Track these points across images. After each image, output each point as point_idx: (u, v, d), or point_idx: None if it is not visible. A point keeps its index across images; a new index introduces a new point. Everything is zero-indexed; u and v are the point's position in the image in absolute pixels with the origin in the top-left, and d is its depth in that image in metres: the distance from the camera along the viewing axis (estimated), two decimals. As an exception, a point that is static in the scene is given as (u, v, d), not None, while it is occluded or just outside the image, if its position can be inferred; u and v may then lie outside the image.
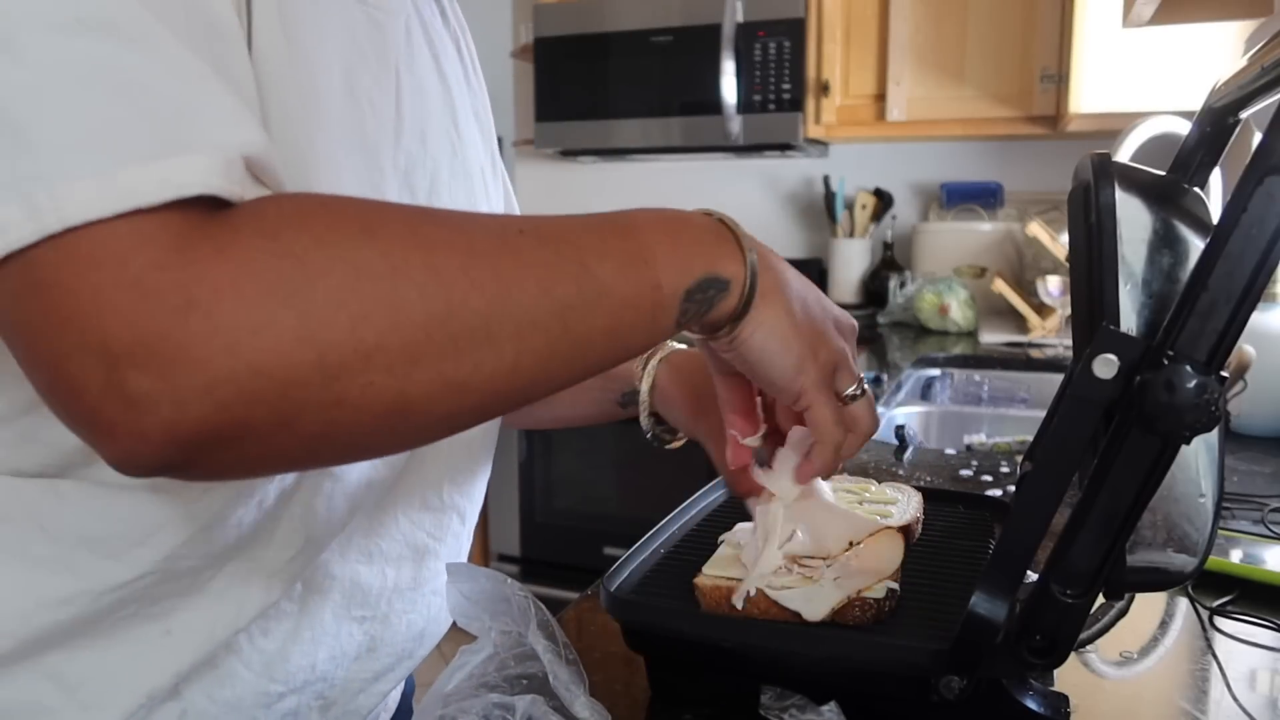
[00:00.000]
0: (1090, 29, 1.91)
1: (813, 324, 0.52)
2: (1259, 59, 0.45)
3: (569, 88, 2.59)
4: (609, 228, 0.46)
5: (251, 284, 0.34)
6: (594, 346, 0.44)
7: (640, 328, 0.45)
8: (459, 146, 0.66)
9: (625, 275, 0.44)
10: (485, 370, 0.40)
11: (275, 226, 0.36)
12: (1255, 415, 1.14)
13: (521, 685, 0.51)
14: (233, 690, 0.54)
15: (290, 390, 0.35)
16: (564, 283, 0.42)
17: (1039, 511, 0.44)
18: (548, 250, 0.42)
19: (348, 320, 0.36)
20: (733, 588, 0.52)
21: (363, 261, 0.37)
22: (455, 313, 0.38)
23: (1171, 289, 0.46)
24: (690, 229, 0.48)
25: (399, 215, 0.40)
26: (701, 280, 0.47)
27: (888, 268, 2.56)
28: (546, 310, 0.41)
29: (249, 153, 0.38)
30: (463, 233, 0.41)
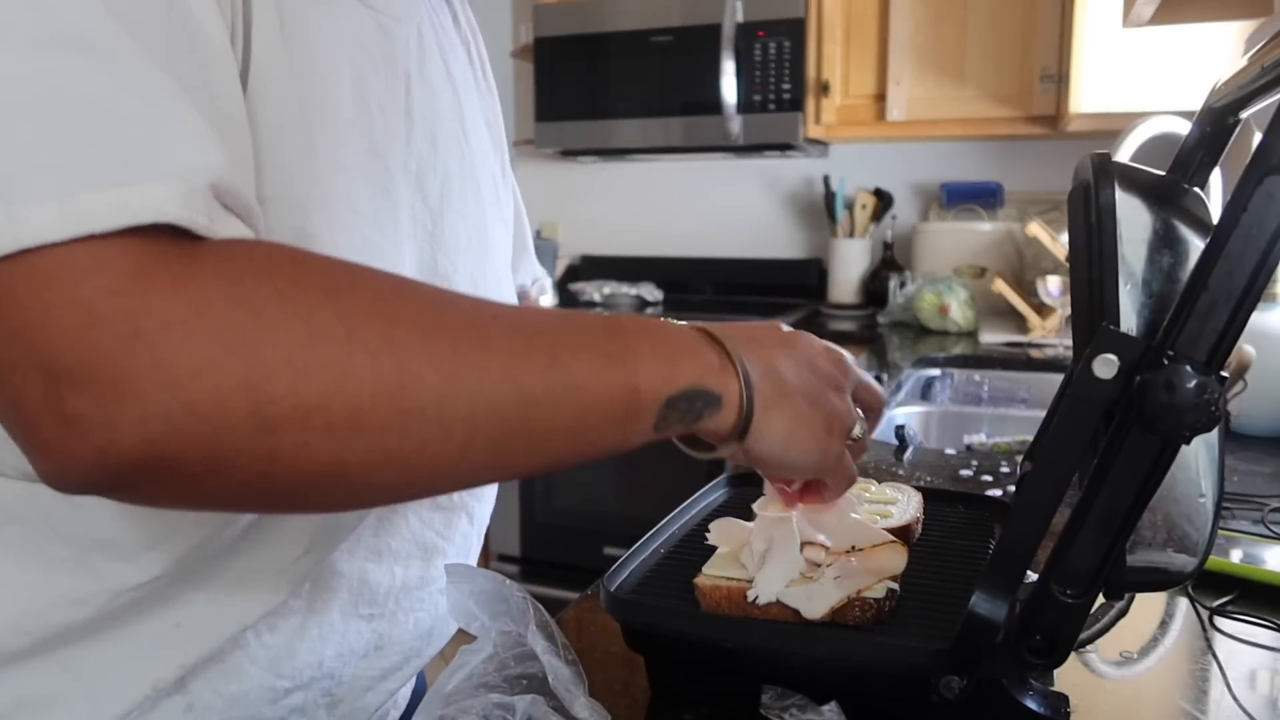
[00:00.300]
0: (1090, 29, 1.91)
1: (820, 406, 0.50)
2: (1259, 59, 0.45)
3: (569, 88, 2.59)
4: (592, 324, 0.45)
5: (202, 324, 0.34)
6: (556, 441, 0.43)
7: (611, 429, 0.44)
8: (467, 152, 0.66)
9: (600, 374, 0.43)
10: (431, 449, 0.39)
11: (240, 272, 0.36)
12: (1255, 415, 1.14)
13: (521, 685, 0.51)
14: (239, 685, 0.55)
15: (223, 436, 0.35)
16: (530, 373, 0.41)
17: (1039, 511, 0.44)
18: (519, 338, 0.41)
19: (291, 377, 0.35)
20: (733, 588, 0.52)
21: (319, 322, 0.36)
22: (406, 388, 0.38)
23: (1171, 289, 0.46)
24: (676, 338, 0.47)
25: (369, 283, 0.40)
26: (687, 390, 0.45)
27: (888, 268, 2.56)
28: (506, 398, 0.40)
29: (215, 178, 0.37)
30: (432, 308, 0.40)
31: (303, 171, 0.49)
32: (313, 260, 0.39)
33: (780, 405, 0.48)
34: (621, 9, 2.50)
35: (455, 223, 0.63)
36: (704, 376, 0.46)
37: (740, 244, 2.85)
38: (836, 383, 0.52)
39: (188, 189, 0.36)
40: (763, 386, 0.47)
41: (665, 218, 2.94)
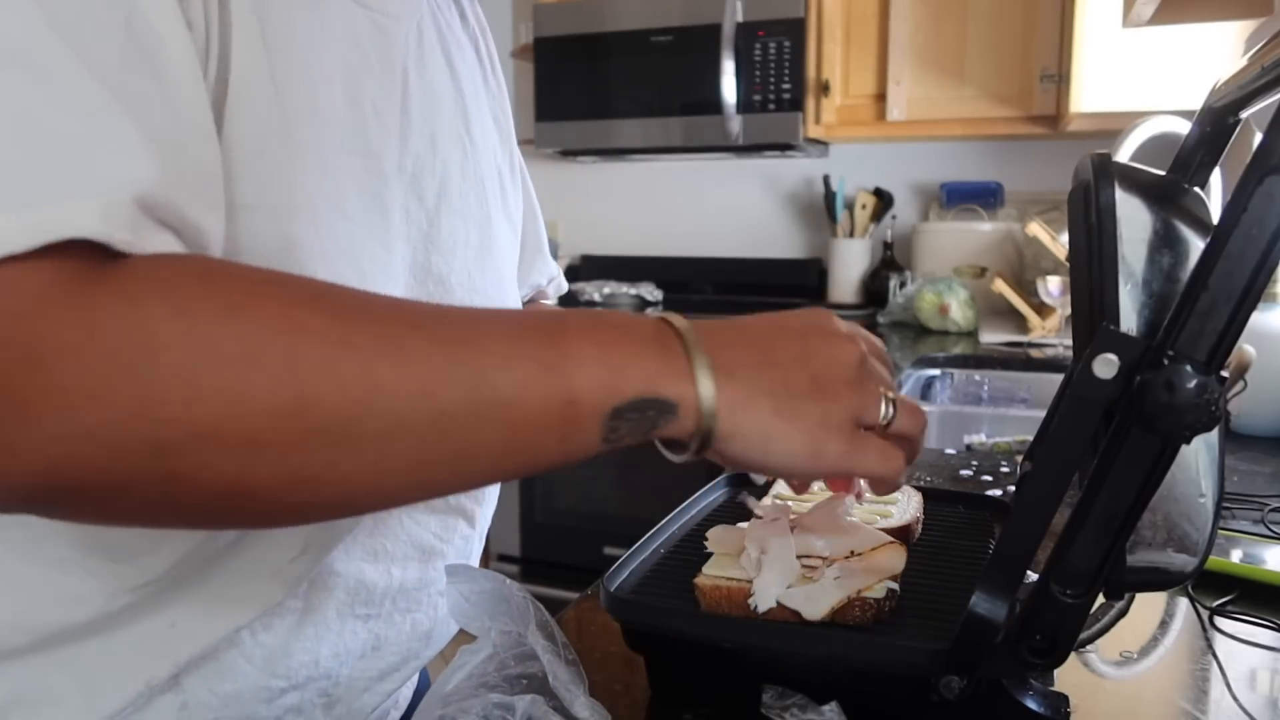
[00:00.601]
0: (1090, 29, 1.91)
1: (810, 395, 0.45)
2: (1259, 59, 0.45)
3: (569, 88, 2.59)
4: (529, 332, 0.41)
5: (95, 349, 0.34)
6: (484, 458, 0.41)
7: (547, 444, 0.41)
8: (470, 150, 0.66)
9: (531, 387, 0.40)
10: (341, 470, 0.38)
11: (141, 290, 0.35)
12: (1255, 415, 1.14)
13: (521, 685, 0.51)
14: (234, 683, 0.54)
15: (120, 460, 0.35)
16: (450, 390, 0.38)
17: (1039, 511, 0.44)
18: (439, 352, 0.39)
19: (183, 400, 0.35)
20: (733, 588, 0.52)
21: (214, 340, 0.35)
22: (308, 408, 0.36)
23: (1171, 289, 0.46)
24: (628, 339, 0.42)
25: (278, 295, 0.38)
26: (635, 400, 0.41)
27: (888, 268, 2.56)
28: (421, 417, 0.38)
29: (141, 192, 0.37)
30: (344, 322, 0.38)
31: (287, 177, 0.49)
32: (222, 273, 0.38)
33: (752, 405, 0.43)
34: (621, 9, 2.50)
35: (453, 223, 0.63)
36: (655, 383, 0.41)
37: (740, 244, 2.85)
38: (845, 373, 0.46)
39: (106, 204, 0.35)
40: (729, 387, 0.43)
41: (665, 218, 2.94)
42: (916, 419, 0.48)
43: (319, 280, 0.40)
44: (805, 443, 0.44)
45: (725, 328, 0.46)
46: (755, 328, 0.47)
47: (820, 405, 0.45)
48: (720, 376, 0.43)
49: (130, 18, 0.40)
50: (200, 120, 0.43)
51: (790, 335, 0.47)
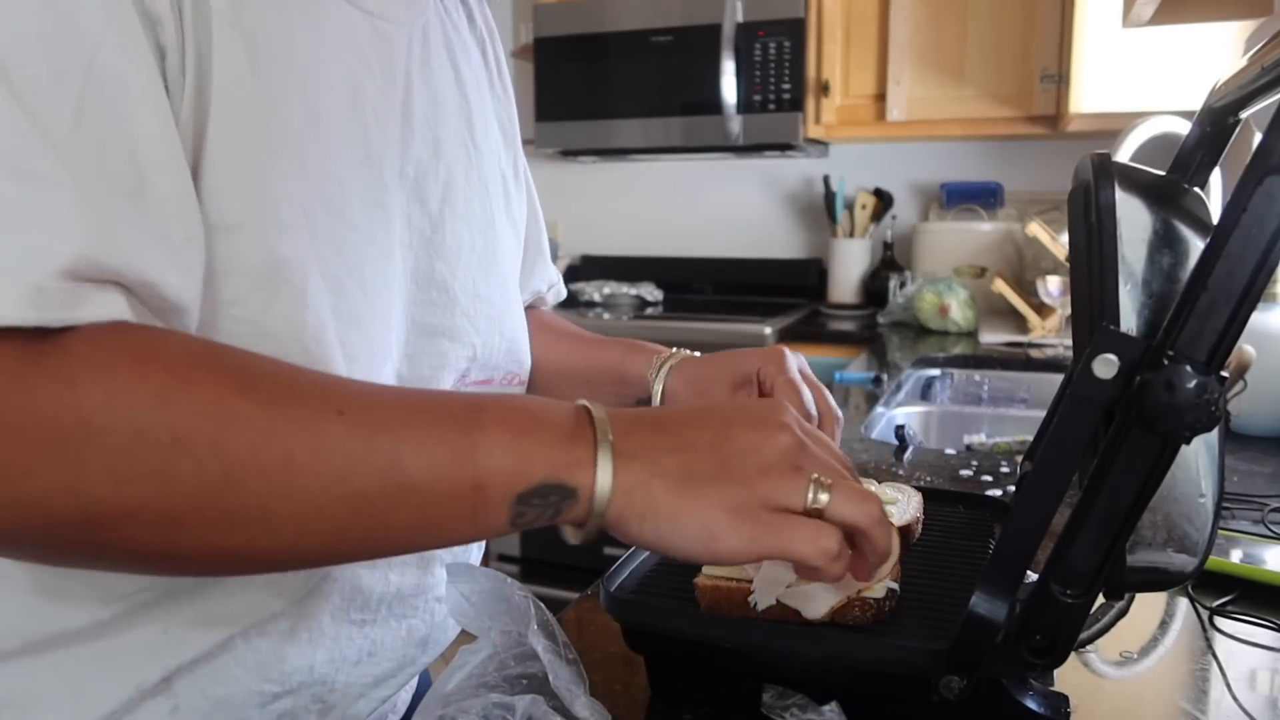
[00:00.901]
0: (1090, 29, 1.91)
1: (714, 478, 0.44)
2: (1259, 59, 0.45)
3: (569, 88, 2.59)
4: (446, 418, 0.43)
5: (34, 430, 0.37)
6: (395, 537, 0.43)
7: (458, 525, 0.43)
8: (475, 155, 0.65)
9: (443, 474, 0.41)
10: (260, 545, 0.40)
11: (75, 373, 0.38)
12: (1255, 415, 1.15)
13: (521, 685, 0.51)
14: (226, 688, 0.54)
15: (54, 529, 0.38)
16: (364, 476, 0.40)
17: (1039, 511, 0.44)
18: (358, 437, 0.41)
19: (114, 482, 0.37)
20: (733, 588, 0.52)
21: (145, 428, 0.38)
22: (230, 490, 0.39)
23: (1171, 289, 0.46)
24: (542, 428, 0.43)
25: (209, 382, 0.40)
26: (539, 486, 0.42)
27: (888, 268, 2.56)
28: (336, 501, 0.40)
29: (73, 264, 0.38)
30: (269, 409, 0.40)
31: (279, 192, 0.48)
32: (157, 354, 0.40)
33: (645, 487, 0.43)
34: (621, 9, 2.50)
35: (458, 228, 0.63)
36: (559, 470, 0.43)
37: (740, 244, 2.85)
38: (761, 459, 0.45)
39: (37, 288, 0.37)
40: (626, 471, 0.43)
41: (665, 218, 2.94)
42: (860, 505, 0.44)
43: (254, 360, 0.43)
44: (700, 524, 0.43)
45: (644, 417, 0.46)
46: (678, 416, 0.47)
47: (724, 488, 0.44)
48: (620, 461, 0.43)
49: (92, 59, 0.40)
50: (164, 154, 0.43)
51: (711, 423, 0.46)
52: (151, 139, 0.42)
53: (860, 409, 1.45)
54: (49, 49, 0.39)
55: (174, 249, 0.43)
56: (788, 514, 0.44)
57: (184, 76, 0.45)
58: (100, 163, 0.40)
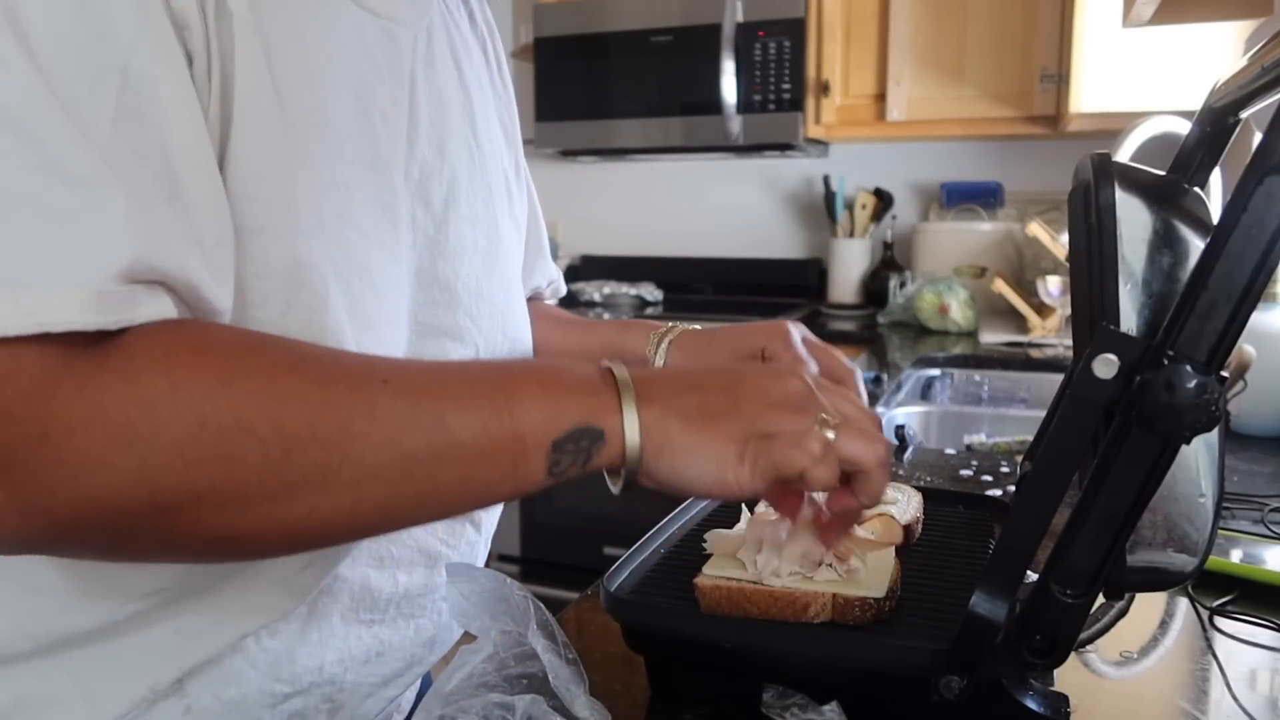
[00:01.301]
0: (1090, 29, 1.91)
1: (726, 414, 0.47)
2: (1259, 59, 0.45)
3: (569, 88, 2.59)
4: (480, 380, 0.46)
5: (100, 426, 0.38)
6: (445, 496, 0.45)
7: (501, 479, 0.45)
8: (478, 155, 0.66)
9: (485, 429, 0.44)
10: (321, 514, 0.42)
11: (138, 367, 0.39)
12: (1255, 415, 1.14)
13: (521, 685, 0.51)
14: (238, 689, 0.54)
15: (122, 519, 0.40)
16: (414, 436, 0.43)
17: (1039, 511, 0.44)
18: (404, 403, 0.43)
19: (182, 466, 0.39)
20: (733, 588, 0.52)
21: (210, 413, 0.40)
22: (292, 463, 0.41)
23: (1171, 289, 0.46)
24: (566, 380, 0.47)
25: (264, 366, 0.42)
26: (572, 431, 0.45)
27: (888, 268, 2.56)
28: (390, 463, 0.43)
29: (128, 267, 0.39)
30: (322, 386, 0.42)
31: (294, 195, 0.49)
32: (213, 344, 0.42)
33: (664, 424, 0.46)
34: (621, 9, 2.50)
35: (461, 228, 0.63)
36: (587, 415, 0.46)
37: (740, 244, 2.85)
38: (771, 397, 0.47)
39: (97, 293, 0.38)
40: (647, 412, 0.46)
41: (665, 218, 2.94)
42: (866, 444, 0.47)
43: (299, 344, 0.45)
44: (711, 457, 0.46)
45: (665, 371, 0.50)
46: (698, 369, 0.50)
47: (734, 422, 0.46)
48: (642, 404, 0.46)
49: (127, 65, 0.41)
50: (196, 159, 0.44)
51: (726, 372, 0.50)
52: (184, 144, 0.43)
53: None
54: (85, 56, 0.40)
55: (207, 253, 0.44)
56: (804, 433, 0.46)
57: (210, 81, 0.46)
58: (139, 169, 0.41)
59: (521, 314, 0.73)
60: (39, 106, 0.38)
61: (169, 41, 0.43)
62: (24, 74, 0.38)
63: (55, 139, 0.38)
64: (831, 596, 0.50)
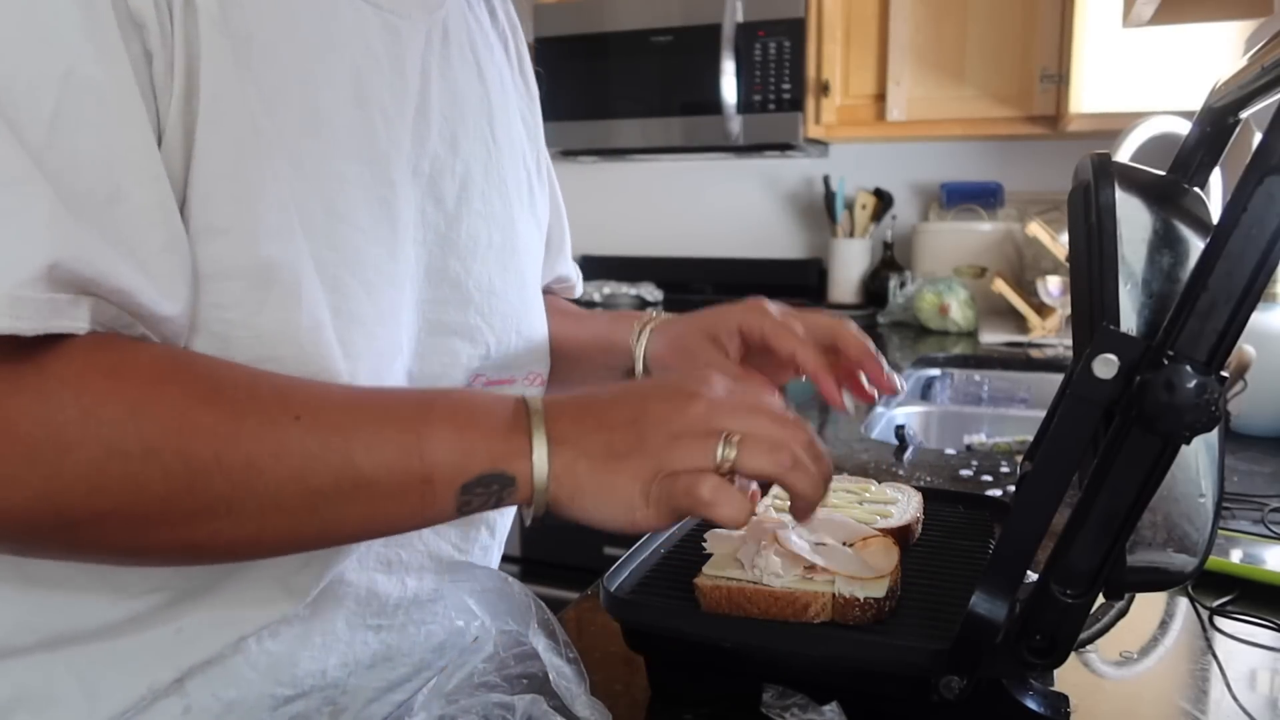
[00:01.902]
0: (1090, 29, 1.91)
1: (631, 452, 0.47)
2: (1259, 59, 0.45)
3: (569, 88, 2.59)
4: (394, 417, 0.46)
5: (8, 444, 0.39)
6: (349, 528, 0.47)
7: (407, 515, 0.47)
8: (495, 151, 0.65)
9: (392, 469, 0.45)
10: (224, 537, 0.44)
11: (50, 389, 0.40)
12: (1255, 415, 1.14)
13: (521, 685, 0.51)
14: (238, 690, 0.54)
15: (28, 533, 0.41)
16: (320, 473, 0.44)
17: (1039, 511, 0.44)
18: (314, 439, 0.44)
19: (86, 489, 0.40)
20: (733, 588, 0.52)
21: (117, 441, 0.40)
22: (196, 493, 0.42)
23: (1171, 289, 0.46)
24: (481, 422, 0.47)
25: (177, 396, 0.42)
26: (481, 476, 0.46)
27: (888, 268, 2.56)
28: (295, 497, 0.44)
29: (44, 273, 0.38)
30: (232, 419, 0.43)
31: (271, 194, 0.48)
32: (126, 369, 0.42)
33: (573, 468, 0.47)
34: (621, 9, 2.50)
35: (475, 225, 0.62)
36: (499, 461, 0.46)
37: (740, 244, 2.85)
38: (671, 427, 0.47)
39: (11, 298, 0.38)
40: (558, 457, 0.47)
41: (665, 218, 2.94)
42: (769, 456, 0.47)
43: (216, 370, 0.45)
44: (619, 499, 0.47)
45: (575, 402, 0.49)
46: (606, 396, 0.50)
47: (638, 461, 0.47)
48: (553, 447, 0.47)
49: (71, 69, 0.41)
50: (140, 163, 0.43)
51: (631, 399, 0.50)
52: (128, 149, 0.43)
53: (860, 409, 1.45)
54: (26, 60, 0.40)
55: (150, 258, 0.43)
56: (699, 475, 0.46)
57: (172, 80, 0.45)
58: (75, 173, 0.41)
59: (538, 312, 0.72)
60: None
61: (116, 47, 0.42)
62: None
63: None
64: (831, 596, 0.50)
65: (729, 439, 0.47)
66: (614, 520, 0.47)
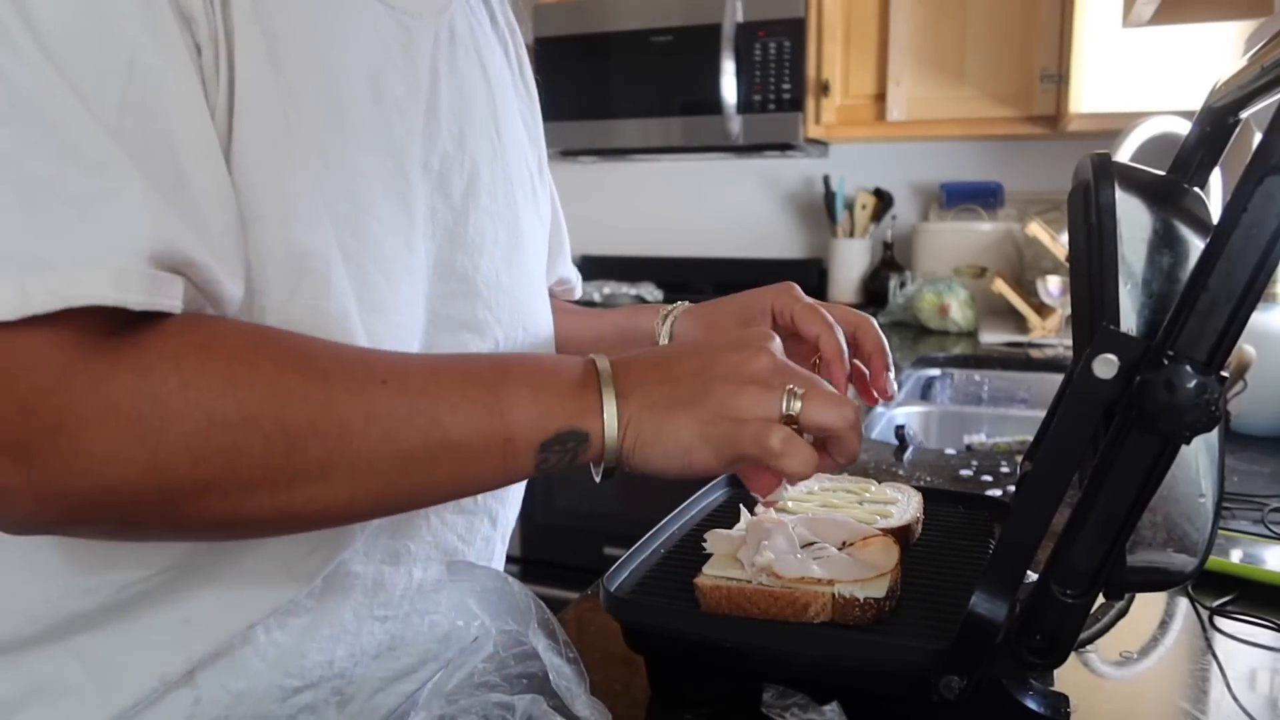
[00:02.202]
0: (1090, 29, 1.91)
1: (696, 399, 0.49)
2: (1259, 59, 0.45)
3: (569, 88, 2.59)
4: (473, 380, 0.48)
5: (114, 420, 0.40)
6: (437, 489, 0.49)
7: (491, 474, 0.48)
8: (500, 149, 0.66)
9: (477, 429, 0.47)
10: (319, 503, 0.45)
11: (148, 364, 0.41)
12: (1255, 415, 1.14)
13: (521, 685, 0.51)
14: (247, 681, 0.55)
15: (131, 506, 0.42)
16: (410, 436, 0.45)
17: (1039, 511, 0.44)
18: (402, 403, 0.45)
19: (191, 460, 0.41)
20: (733, 588, 0.52)
21: (218, 411, 0.42)
22: (294, 458, 0.43)
23: (1171, 289, 0.46)
24: (555, 382, 0.49)
25: (269, 365, 0.44)
26: (558, 434, 0.48)
27: (888, 268, 2.56)
28: (387, 459, 0.45)
29: (147, 247, 0.40)
30: (324, 385, 0.44)
31: (298, 184, 0.49)
32: (220, 343, 0.44)
33: (640, 419, 0.49)
34: (621, 9, 2.49)
35: (481, 221, 0.63)
36: (573, 418, 0.48)
37: (740, 244, 2.85)
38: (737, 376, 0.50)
39: (118, 269, 0.39)
40: (625, 409, 0.49)
41: (665, 218, 2.94)
42: (835, 409, 0.49)
43: (301, 341, 0.47)
44: (676, 443, 0.49)
45: (641, 357, 0.52)
46: (671, 351, 0.53)
47: (701, 408, 0.49)
48: (621, 400, 0.49)
49: (133, 58, 0.42)
50: (201, 149, 0.45)
51: (698, 352, 0.51)
52: (189, 135, 0.44)
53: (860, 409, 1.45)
54: (92, 50, 0.41)
55: (214, 241, 0.45)
56: (769, 424, 0.48)
57: (218, 72, 0.47)
58: (145, 158, 0.42)
59: (544, 308, 0.73)
60: (55, 95, 0.39)
61: (173, 35, 0.44)
62: (38, 65, 0.39)
63: (72, 127, 0.39)
64: (831, 596, 0.50)
65: (794, 391, 0.49)
66: (670, 464, 0.49)
